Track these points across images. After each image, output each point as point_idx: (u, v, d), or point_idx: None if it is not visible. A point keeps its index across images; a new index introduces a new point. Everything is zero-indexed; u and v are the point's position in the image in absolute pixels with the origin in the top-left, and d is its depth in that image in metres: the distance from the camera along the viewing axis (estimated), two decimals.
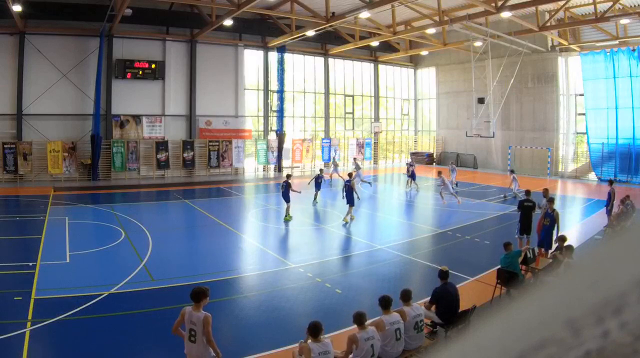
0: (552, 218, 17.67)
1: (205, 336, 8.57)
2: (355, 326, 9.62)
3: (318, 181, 29.11)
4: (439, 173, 30.48)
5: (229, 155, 43.95)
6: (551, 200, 18.54)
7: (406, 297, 10.58)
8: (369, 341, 9.21)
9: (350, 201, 24.59)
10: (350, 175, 26.81)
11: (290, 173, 28.89)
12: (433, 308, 11.58)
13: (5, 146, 35.81)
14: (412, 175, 35.78)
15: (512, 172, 29.59)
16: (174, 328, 8.97)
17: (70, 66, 37.96)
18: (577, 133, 46.06)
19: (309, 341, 8.89)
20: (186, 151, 42.12)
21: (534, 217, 19.15)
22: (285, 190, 25.36)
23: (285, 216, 25.28)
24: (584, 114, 44.18)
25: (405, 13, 41.75)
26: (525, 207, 18.94)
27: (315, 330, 8.87)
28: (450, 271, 12.18)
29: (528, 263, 15.30)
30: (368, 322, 9.96)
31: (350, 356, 9.31)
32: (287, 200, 25.26)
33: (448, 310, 11.42)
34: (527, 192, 20.12)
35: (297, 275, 16.73)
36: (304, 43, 47.49)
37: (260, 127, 48.07)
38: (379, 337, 9.56)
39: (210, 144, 43.35)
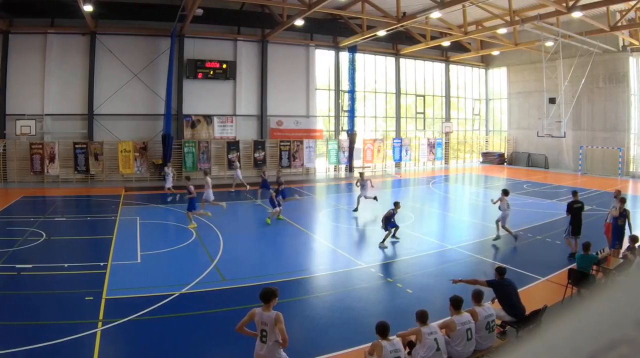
0: (625, 218, 17.59)
1: (280, 333, 8.46)
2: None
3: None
4: (361, 174, 28.51)
5: (300, 155, 43.84)
6: (623, 200, 18.31)
7: (478, 297, 10.52)
8: (432, 335, 9.25)
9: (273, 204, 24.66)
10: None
11: (280, 179, 27.31)
12: (480, 281, 11.88)
13: (77, 146, 36.49)
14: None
15: (505, 193, 21.70)
16: (238, 327, 8.88)
17: (141, 66, 38.47)
18: None
19: (380, 340, 8.82)
20: (257, 151, 42.14)
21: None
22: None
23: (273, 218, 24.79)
24: None
25: (476, 13, 41.32)
26: (575, 209, 18.83)
27: (383, 330, 8.88)
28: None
29: (599, 263, 14.97)
30: (439, 322, 10.06)
31: (415, 349, 9.37)
32: (273, 205, 24.59)
33: (512, 305, 11.41)
34: (575, 193, 19.78)
35: (369, 275, 16.59)
36: (375, 43, 47.18)
37: (331, 127, 47.95)
38: (442, 334, 9.59)
39: (282, 143, 43.32)
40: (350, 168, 46.21)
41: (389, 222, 20.97)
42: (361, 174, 28.39)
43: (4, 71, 35.58)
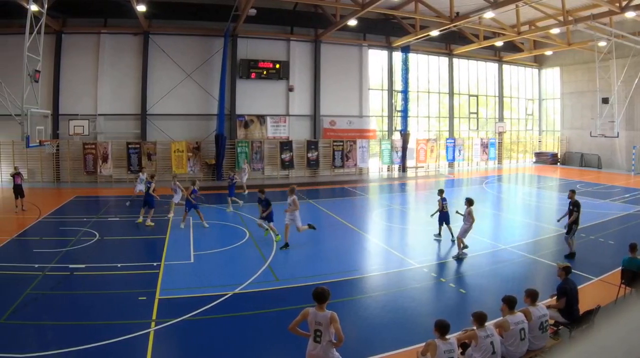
0: None
1: (336, 333, 8.40)
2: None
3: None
4: (292, 190, 23.82)
5: (353, 155, 43.71)
6: None
7: (532, 296, 10.37)
8: (488, 338, 9.17)
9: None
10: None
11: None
12: (560, 303, 11.35)
13: (130, 146, 36.98)
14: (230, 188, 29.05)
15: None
16: (291, 326, 8.79)
17: (194, 66, 38.75)
18: None
19: (436, 339, 8.77)
20: (310, 151, 42.12)
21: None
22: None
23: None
24: None
25: (529, 13, 41.33)
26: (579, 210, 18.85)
27: (443, 328, 8.79)
28: (574, 271, 12.48)
29: None
30: (492, 321, 10.10)
31: (469, 351, 9.30)
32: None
33: (569, 306, 11.27)
34: (573, 192, 19.46)
35: (421, 275, 16.47)
36: (428, 43, 47.04)
37: (384, 127, 47.74)
38: (499, 336, 9.52)
39: (335, 143, 43.25)
40: (403, 168, 45.99)
41: (444, 216, 20.69)
42: (291, 189, 21.04)
43: (57, 71, 36.25)
